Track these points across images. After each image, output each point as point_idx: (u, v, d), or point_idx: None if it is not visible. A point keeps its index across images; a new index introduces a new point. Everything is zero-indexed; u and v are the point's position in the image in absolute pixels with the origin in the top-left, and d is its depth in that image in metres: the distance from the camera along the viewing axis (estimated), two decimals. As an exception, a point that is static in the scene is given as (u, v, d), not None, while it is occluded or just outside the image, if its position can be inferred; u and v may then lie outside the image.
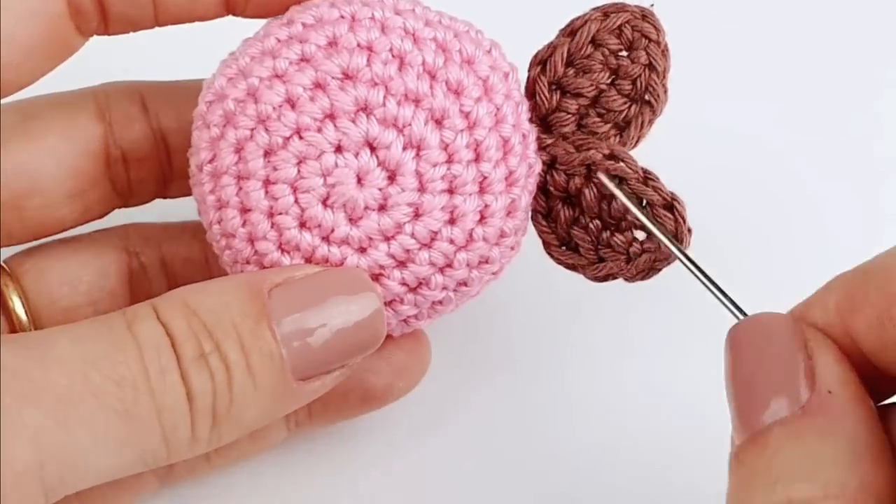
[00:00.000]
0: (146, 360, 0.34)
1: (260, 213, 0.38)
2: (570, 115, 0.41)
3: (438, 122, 0.38)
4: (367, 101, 0.37)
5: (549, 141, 0.41)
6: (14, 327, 0.43)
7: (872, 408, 0.32)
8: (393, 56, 0.38)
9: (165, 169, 0.44)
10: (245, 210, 0.38)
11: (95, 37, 0.41)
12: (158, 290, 0.45)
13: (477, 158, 0.38)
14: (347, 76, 0.37)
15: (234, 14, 0.41)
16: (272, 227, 0.38)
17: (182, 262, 0.46)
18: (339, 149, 0.37)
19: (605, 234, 0.41)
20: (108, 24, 0.40)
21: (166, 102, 0.44)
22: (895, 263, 0.32)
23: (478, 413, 0.47)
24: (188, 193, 0.43)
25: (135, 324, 0.35)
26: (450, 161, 0.38)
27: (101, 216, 0.44)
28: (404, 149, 0.38)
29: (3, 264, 0.44)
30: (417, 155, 0.38)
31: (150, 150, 0.44)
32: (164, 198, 0.45)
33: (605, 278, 0.42)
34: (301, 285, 0.37)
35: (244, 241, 0.38)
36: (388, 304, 0.39)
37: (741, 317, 0.35)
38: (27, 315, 0.43)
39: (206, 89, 0.39)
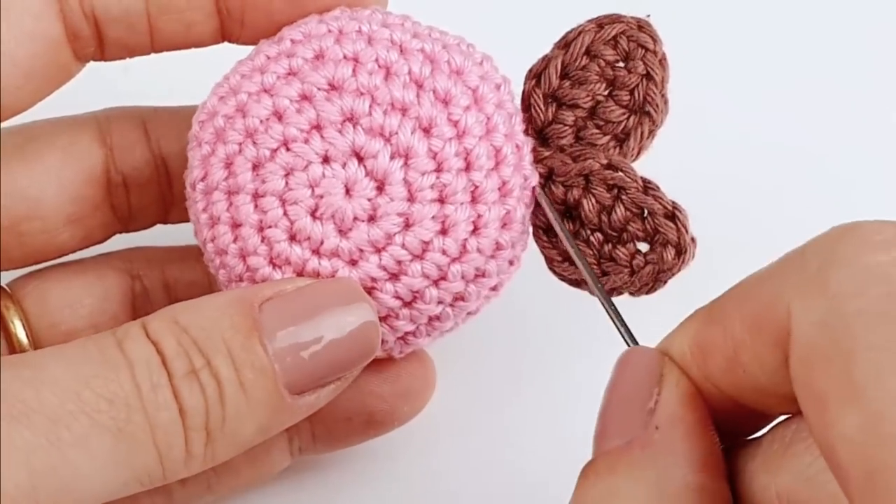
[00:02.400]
0: (138, 378, 0.34)
1: (250, 227, 0.38)
2: (566, 127, 0.40)
3: (426, 131, 0.38)
4: (353, 111, 0.37)
5: (546, 154, 0.40)
6: (14, 350, 0.43)
7: (705, 450, 0.31)
8: (379, 66, 0.38)
9: (166, 194, 0.44)
10: (236, 225, 0.38)
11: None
12: None
13: (467, 167, 0.38)
14: (333, 87, 0.38)
15: (230, 41, 0.41)
16: (262, 241, 0.38)
17: (185, 285, 0.46)
18: (326, 159, 0.37)
19: (608, 247, 0.40)
20: (104, 50, 0.41)
21: (168, 127, 0.44)
22: (734, 307, 0.31)
23: (485, 437, 0.46)
24: (188, 219, 0.44)
25: (125, 342, 0.35)
26: (439, 170, 0.38)
27: (101, 241, 0.45)
28: (392, 158, 0.37)
29: (4, 287, 0.44)
30: (405, 164, 0.37)
31: (152, 175, 0.44)
32: (165, 223, 0.46)
33: (609, 293, 0.40)
34: (292, 298, 0.36)
35: (236, 257, 0.38)
36: (383, 319, 0.38)
37: (631, 344, 0.36)
38: (28, 338, 0.43)
39: (199, 110, 0.40)
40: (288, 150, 0.37)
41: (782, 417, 0.32)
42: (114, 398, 0.33)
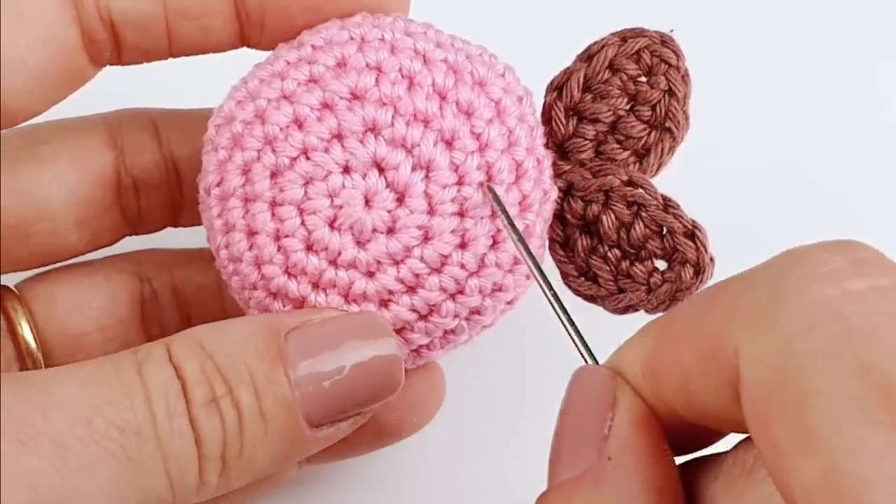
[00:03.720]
0: (153, 405, 0.33)
1: (266, 236, 0.37)
2: (587, 142, 0.40)
3: (448, 144, 0.37)
4: (376, 121, 0.37)
5: (566, 167, 0.40)
6: (22, 352, 0.42)
7: (661, 478, 0.30)
8: (402, 76, 0.37)
9: (176, 197, 0.44)
10: (251, 233, 0.37)
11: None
12: (169, 317, 0.45)
13: (489, 181, 0.37)
14: (356, 96, 0.37)
15: (249, 46, 0.41)
16: (279, 249, 0.37)
17: (194, 288, 0.45)
18: (346, 169, 0.37)
19: (625, 264, 0.39)
20: (121, 55, 0.40)
21: (179, 130, 0.43)
22: (683, 334, 0.30)
23: (495, 447, 0.46)
24: (199, 223, 0.43)
25: (145, 365, 0.34)
26: (460, 183, 0.37)
27: (110, 244, 0.44)
28: (413, 170, 0.37)
29: (12, 288, 0.43)
30: (427, 176, 0.37)
31: (162, 178, 0.43)
32: (175, 226, 0.45)
33: (625, 310, 0.40)
34: (318, 329, 0.36)
35: (251, 265, 0.38)
36: (399, 331, 0.38)
37: (589, 361, 0.34)
38: (35, 341, 0.42)
39: (215, 114, 0.39)
40: (308, 158, 0.37)
41: (743, 436, 0.31)
42: (125, 426, 0.33)
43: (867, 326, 0.25)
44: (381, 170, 0.37)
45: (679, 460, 0.32)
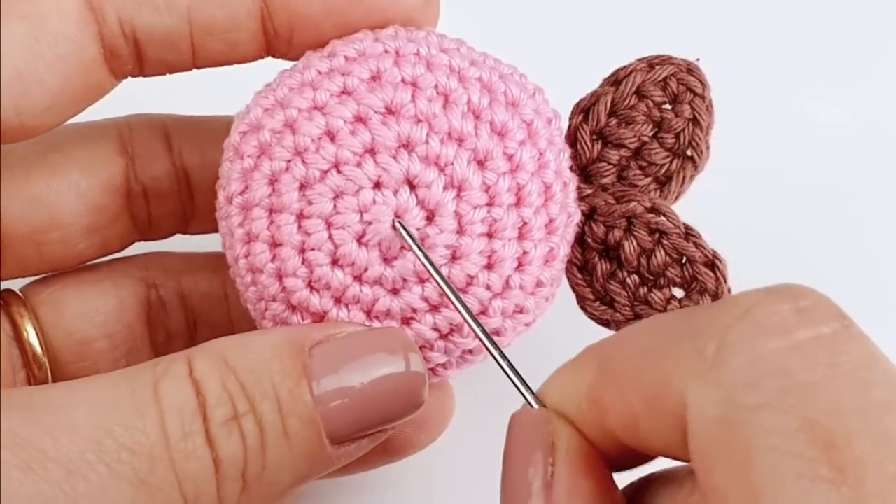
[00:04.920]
0: (167, 426, 0.33)
1: (291, 248, 0.36)
2: (610, 166, 0.40)
3: (481, 164, 0.37)
4: (410, 137, 0.36)
5: (589, 191, 0.40)
6: (28, 358, 0.42)
7: None
8: (438, 93, 0.37)
9: (187, 206, 0.43)
10: (275, 244, 0.37)
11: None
12: (176, 324, 0.44)
13: (518, 203, 0.37)
14: (390, 111, 0.36)
15: (275, 56, 0.40)
16: (303, 263, 0.36)
17: (201, 296, 0.45)
18: (377, 185, 0.36)
19: (643, 290, 0.39)
20: (143, 67, 0.39)
21: (191, 139, 0.43)
22: (627, 370, 0.30)
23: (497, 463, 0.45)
24: (208, 231, 0.43)
25: (163, 381, 0.33)
26: (491, 204, 0.37)
27: (119, 250, 0.44)
28: (445, 189, 0.36)
29: (18, 293, 0.43)
30: (458, 196, 0.36)
31: (172, 187, 0.43)
32: (185, 233, 0.44)
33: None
34: (343, 344, 0.35)
35: (272, 276, 0.37)
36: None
37: (530, 399, 0.33)
38: (41, 346, 0.42)
39: (239, 120, 0.38)
40: (339, 172, 0.36)
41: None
42: (137, 448, 0.32)
43: (810, 380, 0.26)
44: (412, 187, 0.36)
45: (629, 476, 0.32)
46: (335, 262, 0.36)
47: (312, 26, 0.38)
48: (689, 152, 0.40)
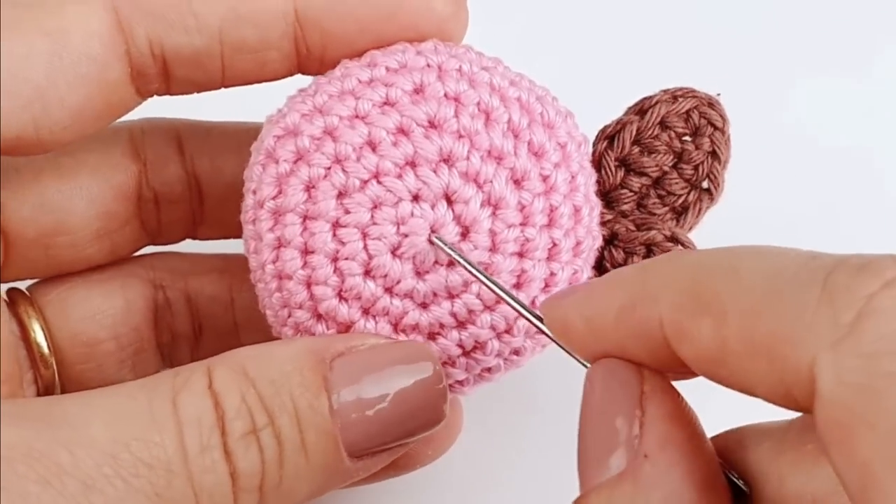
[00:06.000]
0: (185, 439, 0.32)
1: (324, 257, 0.36)
2: (632, 194, 0.41)
3: (517, 183, 0.37)
4: (452, 152, 0.36)
5: (609, 217, 0.40)
6: (35, 358, 0.41)
7: (701, 469, 0.29)
8: (479, 110, 0.37)
9: (197, 212, 0.43)
10: (307, 251, 0.36)
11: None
12: (182, 326, 0.44)
13: (550, 224, 0.37)
14: (433, 125, 0.36)
15: (305, 73, 0.40)
16: (335, 271, 0.36)
17: (206, 299, 0.44)
18: (416, 198, 0.36)
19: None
20: (170, 86, 0.39)
21: (203, 145, 0.43)
22: (738, 317, 0.28)
23: (508, 482, 0.45)
24: (218, 236, 0.43)
25: (182, 394, 0.33)
26: (524, 224, 0.37)
27: (128, 255, 0.43)
28: (482, 206, 0.36)
29: (25, 292, 0.42)
30: (494, 213, 0.37)
31: (183, 193, 0.43)
32: (194, 238, 0.44)
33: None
34: (365, 356, 0.35)
35: (301, 283, 0.36)
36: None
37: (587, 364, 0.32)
38: (49, 347, 0.41)
39: (272, 124, 0.38)
40: (379, 182, 0.36)
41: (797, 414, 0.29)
42: (154, 463, 0.32)
43: None
44: (449, 202, 0.36)
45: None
46: (367, 273, 0.36)
47: (346, 44, 0.38)
48: (706, 185, 0.41)
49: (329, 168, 0.36)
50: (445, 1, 0.39)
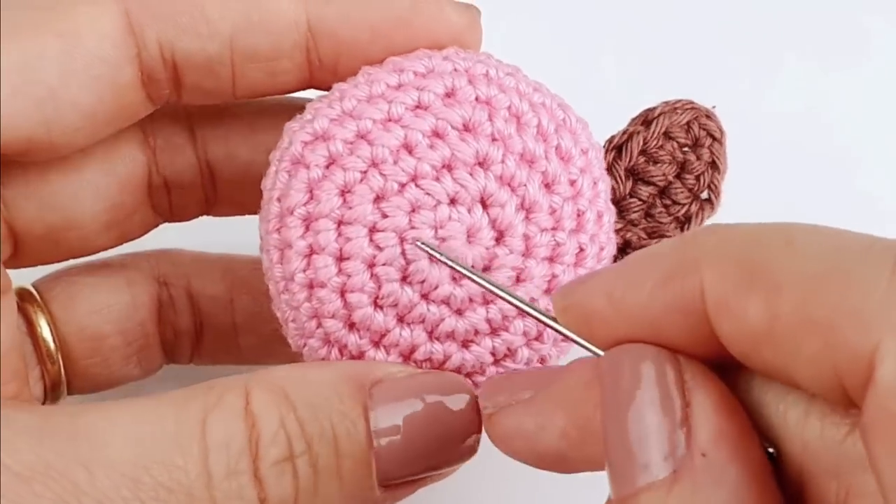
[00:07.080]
0: (210, 464, 0.32)
1: (361, 263, 0.35)
2: (641, 202, 0.41)
3: (548, 187, 0.37)
4: (488, 156, 0.36)
5: (619, 225, 0.41)
6: (41, 353, 0.41)
7: (754, 464, 0.27)
8: (510, 115, 0.37)
9: (210, 194, 0.42)
10: (343, 258, 0.35)
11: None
12: (185, 324, 0.44)
13: (577, 229, 0.37)
14: (467, 128, 0.36)
15: (317, 87, 0.39)
16: (371, 278, 0.35)
17: (207, 299, 0.44)
18: (453, 201, 0.36)
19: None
20: (181, 94, 0.38)
21: (215, 128, 0.42)
22: (795, 295, 0.26)
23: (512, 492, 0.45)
24: (234, 213, 0.43)
25: (214, 412, 0.32)
26: (556, 228, 0.37)
27: (140, 237, 0.43)
28: (516, 210, 0.36)
29: (31, 289, 0.41)
30: (527, 217, 0.36)
31: (195, 179, 0.42)
32: (209, 215, 0.44)
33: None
34: (402, 384, 0.34)
35: (335, 291, 0.35)
36: (468, 374, 0.37)
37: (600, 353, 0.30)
38: (55, 342, 0.41)
39: (296, 131, 0.37)
40: (417, 186, 0.35)
41: None
42: (175, 487, 0.31)
43: None
44: (485, 206, 0.36)
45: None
46: (405, 279, 0.35)
47: (359, 53, 0.38)
48: (706, 195, 0.42)
49: (365, 172, 0.35)
50: (459, 11, 0.39)
